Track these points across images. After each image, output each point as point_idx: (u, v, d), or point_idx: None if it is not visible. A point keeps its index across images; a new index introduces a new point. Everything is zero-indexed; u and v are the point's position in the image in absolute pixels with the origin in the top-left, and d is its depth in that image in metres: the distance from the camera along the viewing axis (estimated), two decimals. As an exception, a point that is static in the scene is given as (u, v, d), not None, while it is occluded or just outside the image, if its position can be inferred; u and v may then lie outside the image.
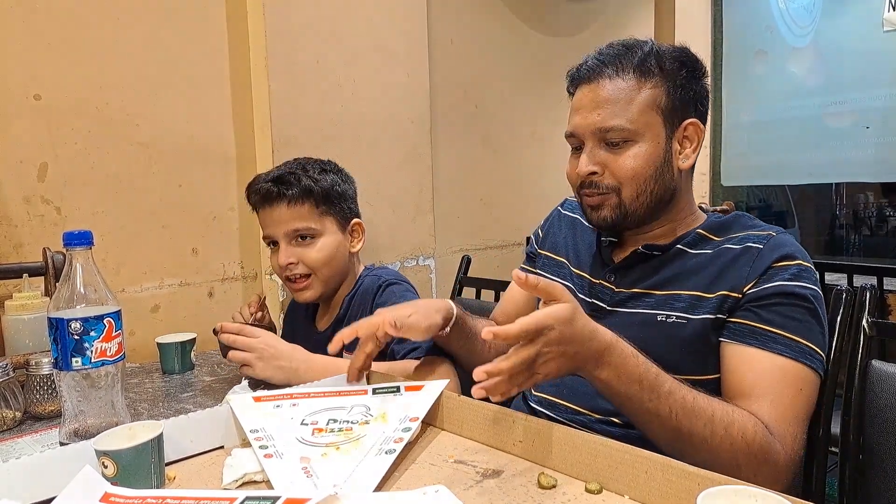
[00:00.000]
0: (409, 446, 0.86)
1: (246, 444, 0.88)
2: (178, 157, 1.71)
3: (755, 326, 0.93)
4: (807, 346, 0.91)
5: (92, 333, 0.89)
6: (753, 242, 0.98)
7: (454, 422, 0.92)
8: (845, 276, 2.11)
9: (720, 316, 0.96)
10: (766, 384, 0.89)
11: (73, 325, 0.87)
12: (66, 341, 0.88)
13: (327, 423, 0.88)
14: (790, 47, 3.16)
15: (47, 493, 0.73)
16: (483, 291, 1.88)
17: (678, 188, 1.04)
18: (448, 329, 1.07)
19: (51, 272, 1.31)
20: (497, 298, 1.85)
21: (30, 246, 1.49)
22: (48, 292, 1.32)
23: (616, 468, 0.72)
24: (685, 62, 1.03)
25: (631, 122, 0.99)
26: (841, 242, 3.60)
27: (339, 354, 1.07)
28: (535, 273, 1.20)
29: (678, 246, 1.04)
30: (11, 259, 1.46)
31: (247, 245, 1.86)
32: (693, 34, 3.33)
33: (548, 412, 1.10)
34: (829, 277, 2.24)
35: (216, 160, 1.79)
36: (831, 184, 3.48)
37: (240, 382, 1.20)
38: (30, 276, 1.33)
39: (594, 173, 1.02)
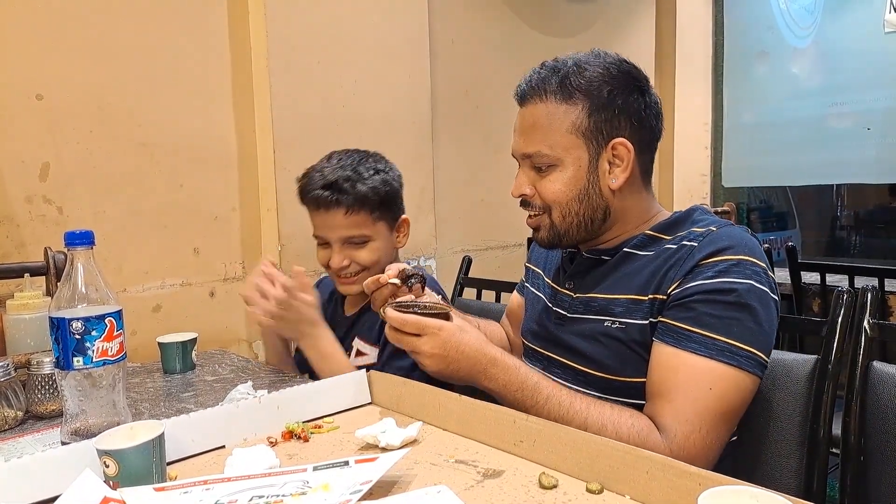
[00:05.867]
0: (410, 446, 0.86)
1: (248, 443, 0.88)
2: (179, 157, 1.71)
3: (672, 325, 0.91)
4: (725, 342, 0.87)
5: (93, 333, 0.89)
6: (689, 240, 0.95)
7: (455, 422, 0.92)
8: (846, 277, 2.11)
9: (652, 319, 0.94)
10: (671, 382, 0.89)
11: (74, 325, 0.87)
12: (67, 341, 0.88)
13: (249, 500, 0.69)
14: (791, 48, 3.16)
15: (49, 492, 0.73)
16: (484, 292, 1.88)
17: (611, 206, 1.02)
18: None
19: (52, 272, 1.31)
20: (498, 299, 1.85)
21: (31, 246, 1.49)
22: (49, 292, 1.32)
23: (617, 468, 0.72)
24: (610, 79, 0.98)
25: (551, 148, 1.00)
26: (842, 244, 3.60)
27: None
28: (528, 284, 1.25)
29: (625, 249, 1.02)
30: (13, 258, 1.47)
31: (248, 245, 1.86)
32: (694, 35, 3.33)
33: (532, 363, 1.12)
34: (831, 279, 2.24)
35: (217, 160, 1.79)
36: (832, 185, 3.48)
37: (244, 382, 1.20)
38: (31, 276, 1.33)
39: (526, 194, 1.05)
